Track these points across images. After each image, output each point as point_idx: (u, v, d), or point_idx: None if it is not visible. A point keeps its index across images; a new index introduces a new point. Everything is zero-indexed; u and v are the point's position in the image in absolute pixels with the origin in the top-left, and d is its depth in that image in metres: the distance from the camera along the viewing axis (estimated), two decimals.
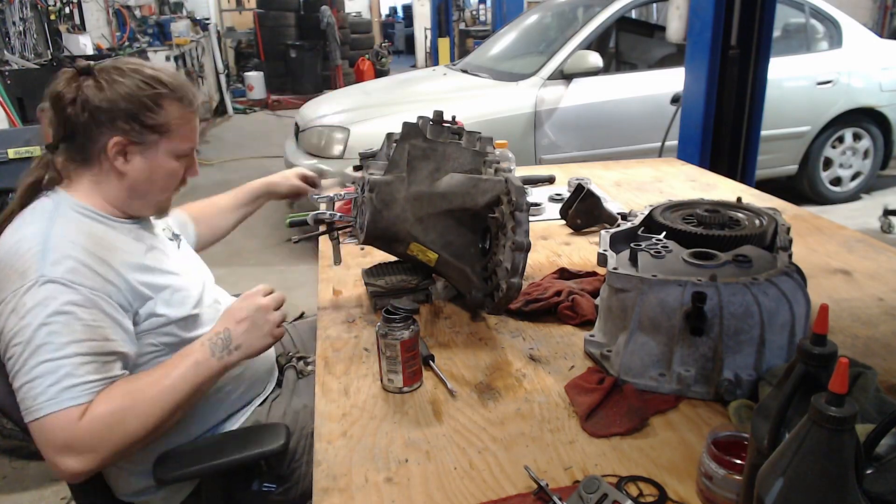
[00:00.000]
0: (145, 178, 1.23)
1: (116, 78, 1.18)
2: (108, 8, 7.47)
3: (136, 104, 1.18)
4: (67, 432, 1.03)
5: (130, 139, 1.18)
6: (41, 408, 1.03)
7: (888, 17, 9.18)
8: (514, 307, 1.34)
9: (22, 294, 1.07)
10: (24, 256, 1.09)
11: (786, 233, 1.24)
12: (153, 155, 1.22)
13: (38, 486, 2.29)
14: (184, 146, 1.25)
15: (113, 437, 1.06)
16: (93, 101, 1.16)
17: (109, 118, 1.17)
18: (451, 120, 1.42)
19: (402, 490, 0.89)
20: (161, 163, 1.23)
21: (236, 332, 1.18)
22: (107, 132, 1.17)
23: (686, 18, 3.16)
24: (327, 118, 4.35)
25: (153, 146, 1.21)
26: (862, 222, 4.50)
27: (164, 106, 1.20)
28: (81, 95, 1.16)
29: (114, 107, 1.16)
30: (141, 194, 1.25)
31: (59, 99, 1.17)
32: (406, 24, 17.15)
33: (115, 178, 1.21)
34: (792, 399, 0.67)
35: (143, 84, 1.19)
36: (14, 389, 1.07)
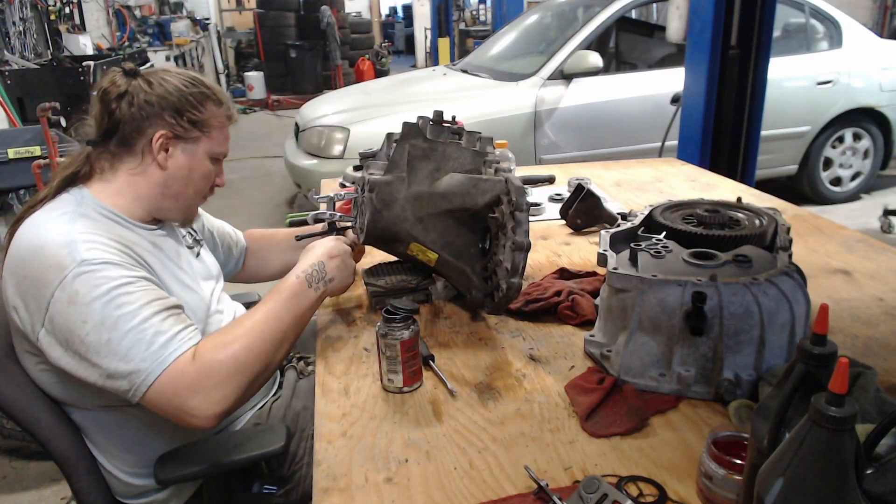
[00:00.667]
0: (183, 175, 1.26)
1: (164, 77, 1.25)
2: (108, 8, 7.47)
3: (182, 100, 1.23)
4: (185, 377, 1.06)
5: (174, 133, 1.23)
6: (151, 372, 1.06)
7: (888, 17, 9.18)
8: (514, 307, 1.34)
9: (70, 283, 1.06)
10: (52, 252, 1.09)
11: (786, 233, 1.24)
12: (193, 152, 1.26)
13: (38, 486, 2.29)
14: (220, 149, 1.31)
15: (230, 372, 1.09)
16: (141, 96, 1.21)
17: (157, 111, 1.21)
18: (451, 120, 1.42)
19: (402, 490, 0.89)
20: (199, 161, 1.27)
21: (330, 265, 1.27)
22: (153, 124, 1.22)
23: (686, 18, 3.16)
24: (327, 118, 4.35)
25: (194, 142, 1.26)
26: (862, 222, 4.50)
27: (206, 105, 1.26)
28: (130, 90, 1.21)
29: (162, 101, 1.22)
30: (175, 194, 1.27)
31: (107, 94, 1.22)
32: (406, 24, 17.15)
33: (153, 171, 1.24)
34: (792, 399, 0.67)
35: (188, 83, 1.25)
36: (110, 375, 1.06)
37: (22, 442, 2.40)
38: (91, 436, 1.24)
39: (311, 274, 1.24)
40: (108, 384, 1.08)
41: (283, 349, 1.18)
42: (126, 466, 1.26)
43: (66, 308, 1.06)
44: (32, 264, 1.09)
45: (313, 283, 1.24)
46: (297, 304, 1.20)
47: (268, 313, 1.17)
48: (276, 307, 1.18)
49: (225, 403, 1.08)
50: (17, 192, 3.43)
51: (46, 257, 1.09)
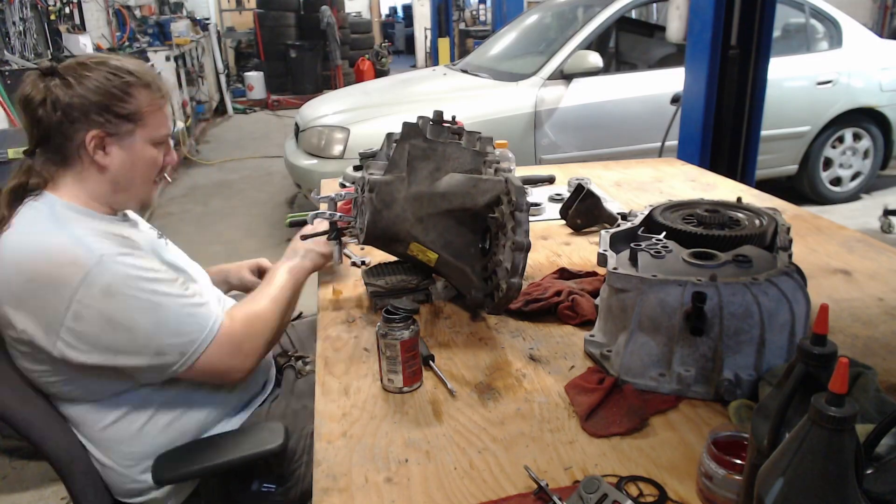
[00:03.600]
0: (127, 169, 1.23)
1: (83, 73, 1.18)
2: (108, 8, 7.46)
3: (107, 95, 1.18)
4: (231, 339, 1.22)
5: (106, 131, 1.19)
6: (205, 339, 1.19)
7: (888, 17, 9.18)
8: (514, 307, 1.34)
9: (98, 277, 1.09)
10: (60, 251, 1.09)
11: (786, 233, 1.24)
12: (131, 144, 1.22)
13: (38, 486, 2.29)
14: (159, 132, 1.26)
15: (262, 333, 1.28)
16: (63, 100, 1.16)
17: (82, 113, 1.17)
18: (451, 120, 1.42)
19: (402, 490, 0.89)
20: (140, 151, 1.24)
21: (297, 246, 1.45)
22: (82, 128, 1.17)
23: (686, 18, 3.16)
24: (327, 118, 4.35)
25: (129, 135, 1.22)
26: (862, 222, 4.50)
27: (134, 94, 1.21)
28: (51, 95, 1.16)
29: (85, 101, 1.16)
30: (124, 186, 1.25)
31: (28, 102, 1.17)
32: (406, 24, 17.14)
33: (96, 172, 1.21)
34: (792, 399, 0.67)
35: (109, 75, 1.19)
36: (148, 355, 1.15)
37: (22, 442, 2.39)
38: (87, 431, 1.24)
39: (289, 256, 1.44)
40: (155, 360, 1.15)
41: (288, 312, 1.37)
42: (124, 460, 1.25)
43: (100, 299, 1.09)
44: (37, 269, 1.08)
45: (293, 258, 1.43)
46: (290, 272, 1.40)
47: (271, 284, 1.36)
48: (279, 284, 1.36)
49: (258, 360, 1.28)
50: None
51: (55, 258, 1.09)
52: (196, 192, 5.83)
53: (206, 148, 7.48)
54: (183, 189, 5.90)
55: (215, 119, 9.23)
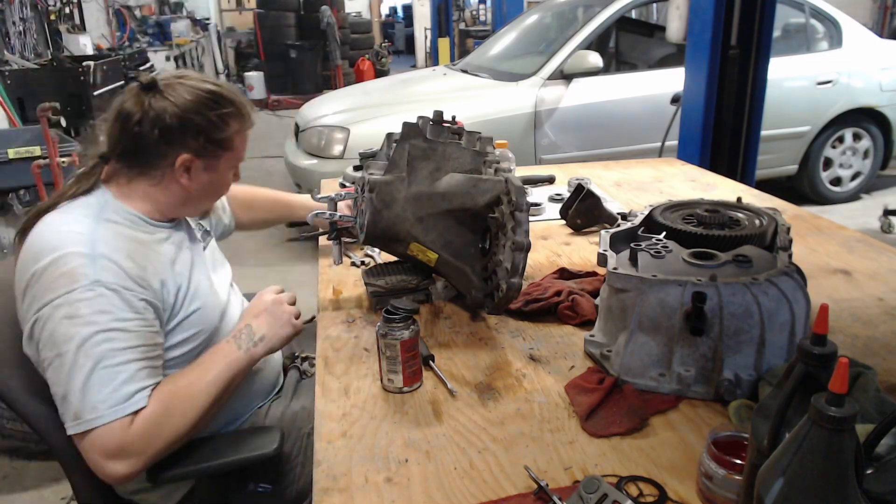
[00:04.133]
0: (205, 190, 1.27)
1: (184, 95, 1.19)
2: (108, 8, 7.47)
3: (206, 122, 1.20)
4: (120, 439, 1.06)
5: (197, 155, 1.21)
6: (101, 416, 1.05)
7: (888, 17, 9.18)
8: (514, 307, 1.34)
9: (76, 299, 1.06)
10: (69, 260, 1.09)
11: (786, 233, 1.24)
12: (215, 167, 1.25)
13: (38, 486, 2.29)
14: (241, 157, 1.30)
15: (160, 438, 1.10)
16: (164, 119, 1.17)
17: (180, 136, 1.19)
18: (451, 120, 1.42)
19: (402, 490, 0.89)
20: (222, 176, 1.28)
21: (257, 324, 1.27)
22: (176, 149, 1.19)
23: (686, 18, 3.16)
24: (327, 118, 4.35)
25: (215, 159, 1.24)
26: (862, 222, 4.50)
27: (229, 122, 1.23)
28: (151, 112, 1.17)
29: (184, 125, 1.18)
30: (194, 203, 1.29)
31: (127, 117, 1.18)
32: (406, 24, 17.15)
33: (174, 190, 1.23)
34: (792, 399, 0.67)
35: (209, 100, 1.21)
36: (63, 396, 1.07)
37: (22, 442, 2.40)
38: None
39: (240, 338, 1.25)
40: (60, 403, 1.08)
41: (211, 411, 1.19)
42: None
43: (60, 318, 1.07)
44: (47, 263, 1.09)
45: (242, 345, 1.24)
46: (228, 370, 1.21)
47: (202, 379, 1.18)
48: (213, 374, 1.19)
49: (141, 466, 1.10)
50: (17, 192, 3.43)
51: (62, 263, 1.08)
52: None
53: None
54: None
55: None
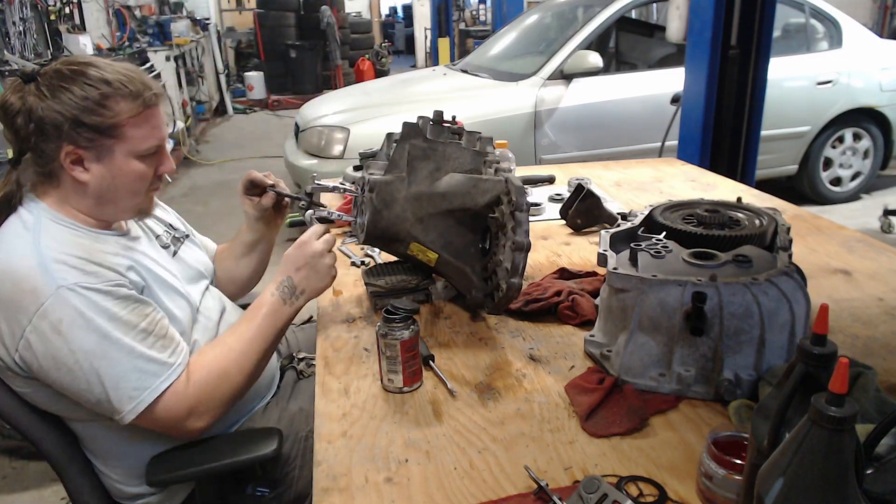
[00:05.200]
0: (108, 185, 1.16)
1: (58, 83, 1.10)
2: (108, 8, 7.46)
3: (80, 109, 1.09)
4: (182, 402, 1.12)
5: (81, 146, 1.11)
6: (143, 399, 1.09)
7: (888, 17, 9.18)
8: (514, 307, 1.34)
9: (50, 312, 1.03)
10: (24, 275, 1.05)
11: (786, 233, 1.24)
12: (110, 159, 1.14)
13: (38, 486, 2.29)
14: (144, 145, 1.17)
15: (223, 392, 1.18)
16: (36, 112, 1.08)
17: (54, 128, 1.09)
18: (451, 120, 1.42)
19: (402, 490, 0.89)
20: (122, 167, 1.15)
21: (297, 278, 1.26)
22: (56, 143, 1.10)
23: (686, 18, 3.16)
24: (327, 118, 4.35)
25: (108, 150, 1.13)
26: (862, 222, 4.50)
27: (111, 106, 1.12)
28: (26, 105, 1.09)
29: (56, 115, 1.09)
30: (109, 200, 1.18)
31: (6, 110, 1.11)
32: (406, 24, 17.14)
33: (78, 189, 1.15)
34: (792, 399, 0.67)
35: (86, 86, 1.10)
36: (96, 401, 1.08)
37: (22, 442, 2.40)
38: (86, 444, 1.24)
39: (284, 291, 1.25)
40: (95, 408, 1.09)
41: (263, 363, 1.25)
42: (122, 473, 1.25)
43: (48, 335, 1.04)
44: (3, 287, 1.05)
45: (287, 299, 1.25)
46: (274, 321, 1.24)
47: (250, 332, 1.22)
48: (256, 326, 1.23)
49: (214, 418, 1.18)
50: None
51: (18, 281, 1.05)
52: (196, 192, 5.83)
53: (206, 148, 7.48)
54: (183, 189, 5.89)
55: (215, 119, 9.22)
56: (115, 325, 1.07)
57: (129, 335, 1.08)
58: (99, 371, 1.06)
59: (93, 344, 1.05)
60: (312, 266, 1.26)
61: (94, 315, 1.06)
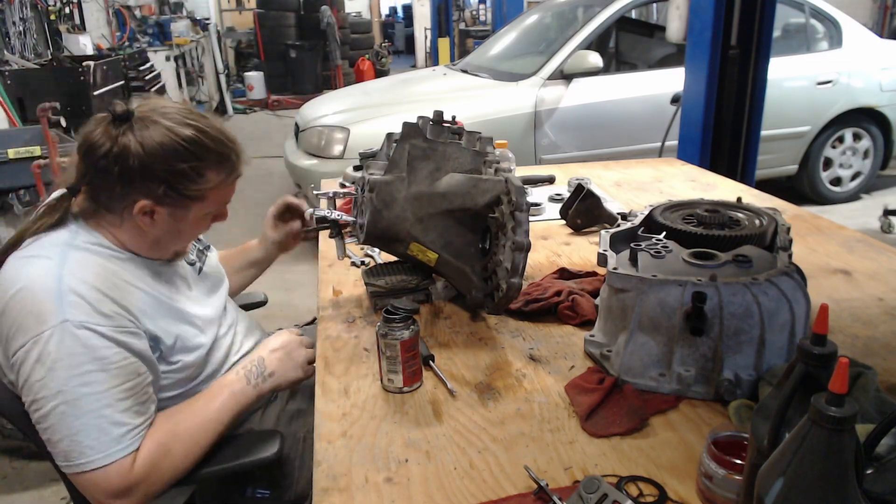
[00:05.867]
0: (170, 235, 1.17)
1: (154, 137, 1.07)
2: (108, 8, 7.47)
3: (175, 173, 1.08)
4: (122, 480, 1.04)
5: (161, 204, 1.11)
6: (93, 461, 1.02)
7: (888, 17, 9.18)
8: (514, 307, 1.34)
9: (45, 342, 1.01)
10: (37, 297, 1.02)
11: (786, 233, 1.24)
12: (182, 216, 1.15)
13: (38, 486, 2.29)
14: (219, 209, 1.21)
15: (162, 474, 1.09)
16: (127, 160, 1.06)
17: (142, 181, 1.08)
18: (451, 120, 1.42)
19: (402, 490, 0.89)
20: (189, 224, 1.17)
21: (270, 360, 1.25)
22: (136, 193, 1.09)
23: (686, 18, 3.16)
24: (327, 118, 4.35)
25: (183, 208, 1.14)
26: (862, 222, 4.50)
27: (206, 175, 1.12)
28: (115, 149, 1.06)
29: (148, 172, 1.07)
30: (163, 246, 1.20)
31: (92, 149, 1.08)
32: (406, 24, 17.15)
33: (136, 231, 1.15)
34: (792, 399, 0.67)
35: (183, 150, 1.08)
36: (48, 440, 1.04)
37: (22, 442, 2.40)
38: None
39: (251, 370, 1.23)
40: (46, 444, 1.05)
41: (214, 442, 1.18)
42: None
43: (33, 364, 1.02)
44: (13, 302, 1.04)
45: (251, 379, 1.22)
46: (235, 402, 1.20)
47: (207, 412, 1.16)
48: (217, 407, 1.18)
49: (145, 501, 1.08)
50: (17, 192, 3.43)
51: (29, 301, 1.03)
52: None
53: None
54: None
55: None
56: (100, 375, 1.03)
57: (109, 392, 1.04)
58: (64, 414, 1.01)
59: (70, 387, 1.01)
60: (288, 353, 1.27)
61: (85, 361, 1.02)
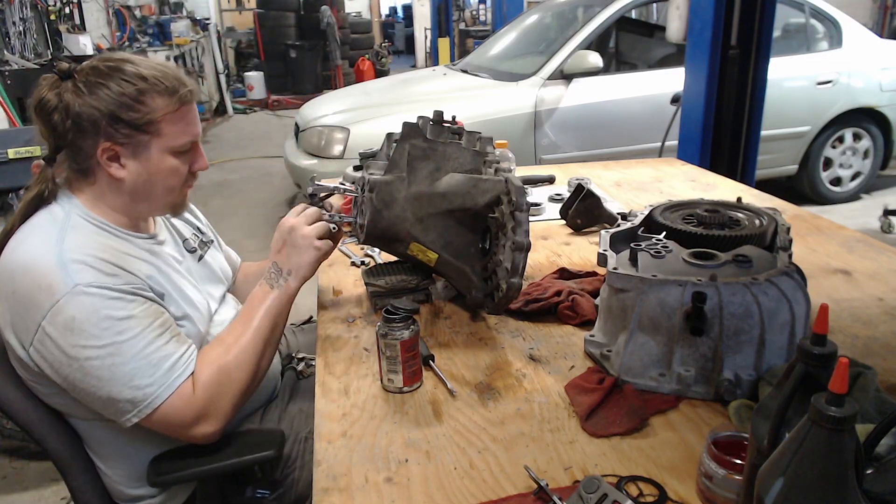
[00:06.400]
0: (144, 181, 1.18)
1: (95, 80, 1.12)
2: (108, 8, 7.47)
3: (117, 105, 1.11)
4: (189, 406, 1.11)
5: (118, 143, 1.13)
6: (158, 396, 1.08)
7: (888, 17, 9.18)
8: (514, 307, 1.34)
9: (63, 309, 1.03)
10: (42, 272, 1.05)
11: (786, 233, 1.24)
12: (146, 156, 1.16)
13: (38, 486, 2.29)
14: (179, 141, 1.19)
15: (229, 392, 1.15)
16: (73, 108, 1.10)
17: (92, 123, 1.11)
18: (451, 120, 1.42)
19: (402, 490, 0.89)
20: (157, 163, 1.17)
21: (280, 259, 1.26)
22: (93, 139, 1.12)
23: (686, 18, 3.16)
24: (327, 118, 4.35)
25: (144, 146, 1.15)
26: (862, 222, 4.50)
27: (148, 102, 1.13)
28: (62, 102, 1.11)
29: (94, 111, 1.10)
30: (144, 197, 1.20)
31: (43, 106, 1.12)
32: (406, 24, 17.15)
33: (113, 186, 1.17)
34: (792, 399, 0.67)
35: (123, 82, 1.12)
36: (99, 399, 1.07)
37: (22, 442, 2.40)
38: (88, 443, 1.24)
39: (270, 277, 1.26)
40: (107, 406, 1.08)
41: (268, 353, 1.23)
42: (123, 475, 1.24)
43: (62, 334, 1.04)
44: (21, 283, 1.05)
45: (274, 284, 1.25)
46: (267, 310, 1.23)
47: (244, 326, 1.21)
48: (250, 319, 1.22)
49: (225, 421, 1.16)
50: (17, 192, 3.43)
51: (36, 277, 1.05)
52: (196, 192, 5.75)
53: (206, 148, 7.39)
54: None
55: (215, 119, 9.23)
56: (130, 322, 1.07)
57: (145, 332, 1.08)
58: (114, 365, 1.05)
59: (107, 339, 1.05)
60: (291, 243, 1.25)
61: (110, 312, 1.06)
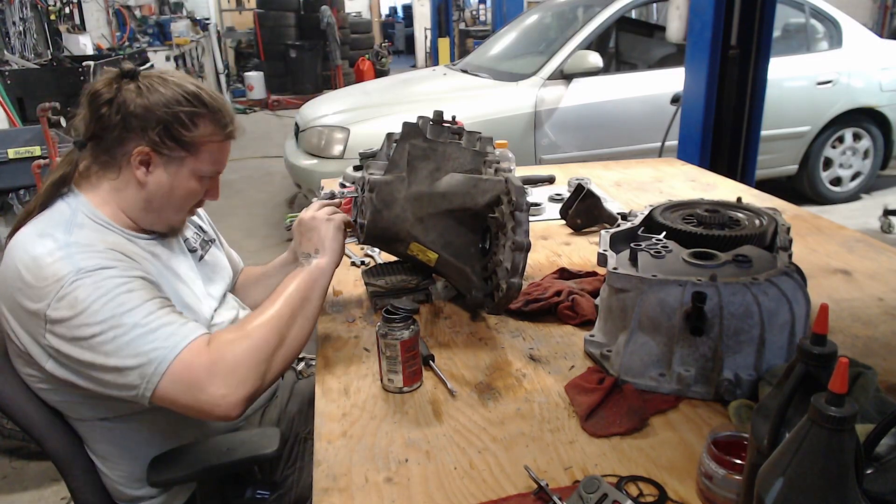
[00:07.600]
0: (163, 193, 1.21)
1: (157, 87, 1.17)
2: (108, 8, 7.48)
3: (172, 117, 1.16)
4: (201, 360, 1.04)
5: (156, 150, 1.17)
6: (162, 360, 1.03)
7: (888, 17, 9.18)
8: (514, 307, 1.34)
9: (69, 292, 1.04)
10: (50, 264, 1.06)
11: (786, 233, 1.24)
12: (176, 171, 1.20)
13: (38, 486, 2.29)
14: (208, 168, 1.24)
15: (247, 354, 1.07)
16: (128, 105, 1.15)
17: (141, 125, 1.15)
18: (451, 120, 1.42)
19: (402, 490, 0.89)
20: (182, 181, 1.21)
21: (305, 245, 1.26)
22: (135, 139, 1.16)
23: (686, 18, 3.16)
24: (327, 118, 4.35)
25: (178, 162, 1.19)
26: (862, 222, 4.50)
27: (199, 125, 1.19)
28: (119, 97, 1.15)
29: (148, 115, 1.15)
30: (156, 208, 1.22)
31: (96, 97, 1.16)
32: (406, 24, 17.15)
33: (133, 187, 1.19)
34: (792, 399, 0.67)
35: (182, 98, 1.17)
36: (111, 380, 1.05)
37: (22, 442, 2.40)
38: (88, 443, 1.24)
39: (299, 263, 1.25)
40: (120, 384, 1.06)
41: (298, 324, 1.15)
42: (123, 476, 1.24)
43: (68, 316, 1.04)
44: (29, 276, 1.06)
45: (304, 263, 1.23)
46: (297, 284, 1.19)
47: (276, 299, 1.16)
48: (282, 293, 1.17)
49: (246, 387, 1.05)
50: (17, 192, 3.43)
51: (43, 269, 1.06)
52: None
53: None
54: None
55: None
56: (130, 295, 1.07)
57: (145, 304, 1.07)
58: (116, 336, 1.04)
59: (108, 314, 1.04)
60: (306, 230, 1.27)
61: (112, 288, 1.06)
